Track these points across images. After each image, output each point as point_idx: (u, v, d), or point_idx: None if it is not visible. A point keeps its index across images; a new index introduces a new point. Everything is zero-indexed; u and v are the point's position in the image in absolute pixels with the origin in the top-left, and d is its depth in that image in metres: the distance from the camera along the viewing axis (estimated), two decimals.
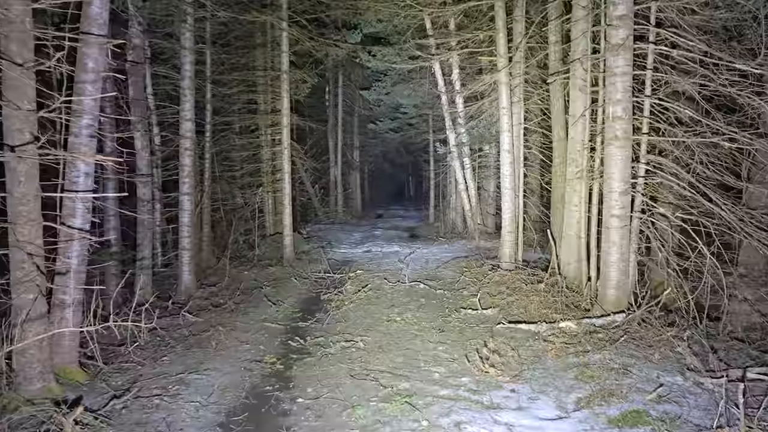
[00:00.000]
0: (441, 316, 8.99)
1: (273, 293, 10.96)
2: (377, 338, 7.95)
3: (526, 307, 8.99)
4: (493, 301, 9.58)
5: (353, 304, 9.79)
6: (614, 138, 7.99)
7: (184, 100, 11.39)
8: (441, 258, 14.03)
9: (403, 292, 10.58)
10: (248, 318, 9.24)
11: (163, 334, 8.44)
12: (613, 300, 8.06)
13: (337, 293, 10.60)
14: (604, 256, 8.20)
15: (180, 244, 11.49)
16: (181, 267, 11.45)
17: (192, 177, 11.52)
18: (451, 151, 17.26)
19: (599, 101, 9.18)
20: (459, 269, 12.44)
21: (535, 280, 10.36)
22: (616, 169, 8.00)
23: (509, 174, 11.70)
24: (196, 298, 10.86)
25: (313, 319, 9.09)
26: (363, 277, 11.93)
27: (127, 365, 7.01)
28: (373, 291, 10.64)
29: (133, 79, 11.44)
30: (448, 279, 11.72)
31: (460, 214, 18.90)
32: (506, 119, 11.66)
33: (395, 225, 23.10)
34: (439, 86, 17.19)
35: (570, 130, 10.10)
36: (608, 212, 8.13)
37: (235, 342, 7.97)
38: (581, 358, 6.74)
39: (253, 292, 11.10)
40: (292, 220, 14.38)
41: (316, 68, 16.53)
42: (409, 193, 43.15)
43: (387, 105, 22.74)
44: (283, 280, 11.97)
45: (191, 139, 11.45)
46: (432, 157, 22.45)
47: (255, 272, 13.07)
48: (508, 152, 11.68)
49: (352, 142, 27.47)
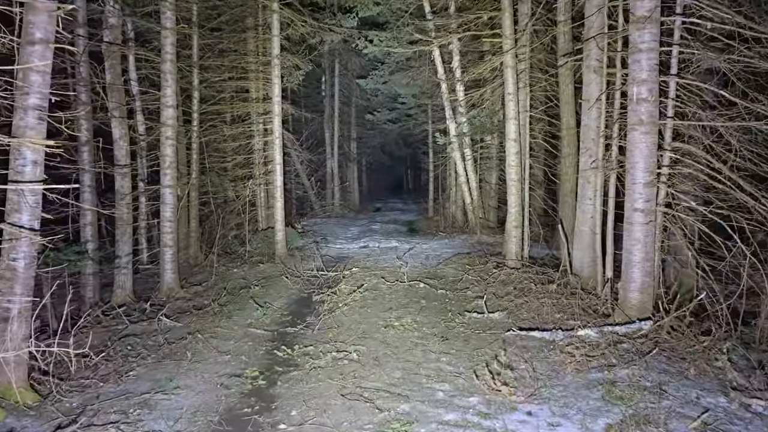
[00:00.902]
0: (443, 321, 8.04)
1: (261, 294, 10.00)
2: (373, 348, 7.00)
3: (537, 310, 8.04)
4: (501, 304, 8.63)
5: (347, 307, 8.83)
6: (638, 123, 7.01)
7: (165, 85, 10.38)
8: (441, 254, 13.08)
9: (402, 293, 9.63)
10: (232, 323, 8.27)
11: (136, 342, 7.48)
12: (636, 304, 7.11)
13: (330, 294, 9.64)
14: (626, 255, 7.24)
15: (162, 240, 10.50)
16: (163, 265, 10.48)
17: (174, 168, 10.52)
18: (451, 142, 16.26)
19: (616, 84, 8.22)
20: (461, 267, 11.49)
21: (545, 280, 9.41)
22: (641, 158, 7.03)
23: (515, 164, 10.72)
24: (179, 299, 9.90)
25: (302, 324, 8.13)
26: (359, 275, 10.97)
27: (87, 381, 6.05)
28: (370, 291, 9.68)
29: (109, 62, 10.44)
30: (450, 277, 10.76)
31: (460, 208, 17.92)
32: (512, 105, 10.67)
33: (393, 219, 22.12)
34: (439, 74, 16.17)
35: (583, 117, 9.13)
36: (631, 206, 7.16)
37: (214, 352, 7.01)
38: (606, 374, 5.79)
39: (241, 293, 10.13)
40: (284, 215, 13.40)
41: (310, 54, 15.48)
42: (407, 186, 42.17)
43: (385, 95, 21.75)
44: (274, 279, 11.00)
45: (173, 128, 10.44)
46: (431, 148, 21.45)
47: (244, 270, 12.11)
48: (514, 141, 10.70)
49: (349, 133, 26.44)
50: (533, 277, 9.65)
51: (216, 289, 10.55)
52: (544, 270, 10.26)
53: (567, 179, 11.04)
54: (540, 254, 12.16)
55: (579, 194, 9.17)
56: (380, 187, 37.13)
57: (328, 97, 24.26)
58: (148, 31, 11.93)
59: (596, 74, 8.74)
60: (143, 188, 11.95)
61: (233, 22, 14.30)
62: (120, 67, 10.62)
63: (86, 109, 10.48)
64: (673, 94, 7.44)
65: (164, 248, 10.46)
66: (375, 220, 21.39)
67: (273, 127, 13.27)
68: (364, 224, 20.13)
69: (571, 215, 10.99)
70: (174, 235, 10.57)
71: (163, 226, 10.47)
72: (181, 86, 13.72)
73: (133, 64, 11.66)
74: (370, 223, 20.54)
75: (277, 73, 13.10)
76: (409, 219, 22.02)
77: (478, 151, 15.86)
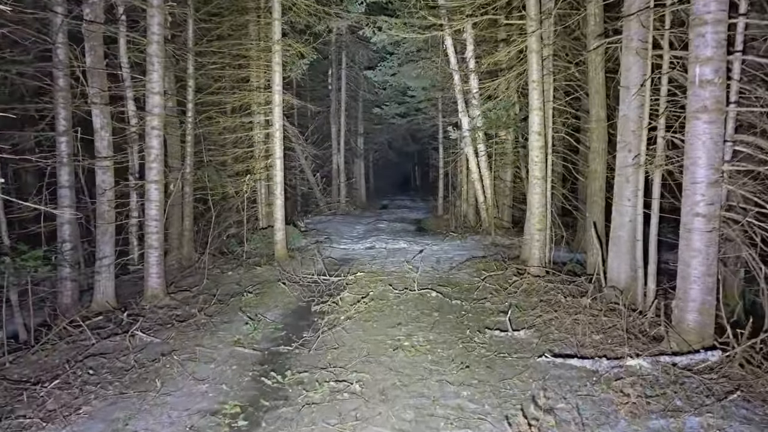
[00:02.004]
0: (461, 340, 6.76)
1: (255, 302, 8.76)
2: (379, 376, 5.74)
3: (570, 330, 6.75)
4: (526, 320, 7.35)
5: (350, 321, 7.57)
6: (701, 110, 5.69)
7: (151, 70, 9.12)
8: (454, 257, 11.80)
9: (412, 303, 8.36)
10: (217, 339, 7.03)
11: (101, 363, 6.25)
12: (694, 327, 5.81)
13: (331, 304, 8.39)
14: (683, 268, 5.93)
15: (146, 241, 9.27)
16: (147, 269, 9.25)
17: (160, 162, 9.28)
18: (464, 136, 14.96)
19: (663, 67, 6.90)
20: (477, 272, 10.21)
21: (576, 291, 8.12)
22: (703, 152, 5.71)
23: (539, 160, 9.41)
24: (163, 308, 8.67)
25: (298, 342, 6.88)
26: (364, 281, 9.71)
27: (28, 421, 4.83)
28: (376, 301, 8.42)
29: (90, 43, 9.20)
30: (465, 284, 9.49)
31: (472, 206, 16.63)
32: (536, 95, 9.36)
33: (401, 217, 20.83)
34: (452, 64, 14.87)
35: (621, 106, 7.80)
36: (690, 210, 5.85)
37: (189, 380, 5.76)
38: (672, 421, 4.50)
39: (232, 300, 8.90)
40: (284, 213, 12.15)
41: (314, 42, 14.20)
42: (415, 183, 40.84)
43: (393, 88, 20.47)
44: (270, 285, 9.76)
45: (159, 117, 9.19)
46: (441, 144, 20.15)
47: (240, 273, 10.87)
48: (538, 134, 9.38)
49: (356, 128, 25.14)
50: (561, 287, 8.35)
51: (206, 295, 9.30)
52: (571, 278, 8.97)
53: (596, 177, 9.73)
54: (562, 258, 10.85)
55: (616, 194, 7.86)
56: (387, 184, 35.85)
57: (334, 91, 22.97)
58: (137, 10, 10.70)
59: (638, 57, 7.42)
60: (133, 183, 10.73)
61: (232, 4, 13.04)
62: (102, 49, 9.36)
63: (64, 96, 9.28)
64: (737, 74, 6.13)
65: (149, 250, 9.23)
66: (382, 219, 20.11)
67: (273, 118, 12.01)
68: (370, 223, 18.86)
69: (601, 217, 9.70)
70: (160, 235, 9.34)
71: (148, 226, 9.24)
72: (175, 74, 12.53)
73: (123, 47, 10.45)
74: (377, 221, 19.27)
75: (278, 60, 11.84)
76: (417, 217, 20.74)
77: (493, 146, 14.54)
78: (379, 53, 19.70)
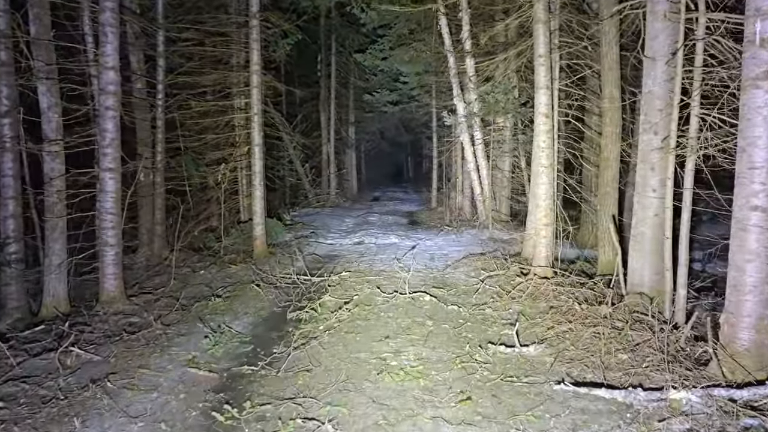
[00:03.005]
0: (459, 358, 5.54)
1: (223, 308, 7.51)
2: (358, 410, 4.50)
3: (590, 346, 5.53)
4: (536, 332, 6.14)
5: (329, 333, 6.33)
6: (762, 77, 4.46)
7: (105, 41, 7.80)
8: (449, 254, 10.57)
9: (402, 310, 7.13)
10: (167, 357, 5.78)
11: (20, 391, 5.00)
12: (751, 349, 4.59)
13: (310, 310, 7.14)
14: (736, 275, 4.71)
15: (101, 238, 7.98)
16: (102, 269, 7.97)
17: (116, 148, 7.97)
18: (459, 123, 13.70)
19: (698, 32, 5.67)
20: (475, 271, 9.00)
21: (592, 296, 6.91)
22: (764, 131, 4.49)
23: (547, 146, 8.17)
24: (117, 314, 7.40)
25: (266, 360, 5.63)
26: (349, 282, 8.47)
27: None
28: (360, 308, 7.18)
29: (34, 11, 7.87)
30: (462, 286, 8.27)
31: (468, 198, 15.40)
32: (543, 72, 8.10)
33: (393, 209, 19.57)
34: (446, 45, 13.59)
35: (645, 81, 6.56)
36: (746, 203, 4.62)
37: (120, 417, 4.51)
38: None
39: (197, 306, 7.64)
40: (264, 205, 10.88)
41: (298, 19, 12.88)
42: (408, 175, 39.55)
43: (385, 74, 19.14)
44: (243, 286, 8.50)
45: (115, 96, 7.88)
46: (435, 132, 18.88)
47: (212, 272, 9.61)
48: (545, 117, 8.14)
49: (347, 117, 23.79)
50: (573, 291, 7.15)
51: (170, 299, 8.07)
52: (581, 279, 7.77)
53: (608, 165, 8.50)
54: (569, 256, 9.65)
55: (638, 184, 6.63)
56: (379, 175, 34.54)
57: (324, 78, 21.60)
58: None
59: (667, 22, 6.19)
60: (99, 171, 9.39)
61: None
62: (49, 17, 8.04)
63: (6, 72, 7.95)
64: None
65: (104, 248, 7.95)
66: (373, 211, 18.84)
67: (251, 101, 10.70)
68: (360, 215, 17.59)
69: (614, 210, 8.49)
70: (117, 231, 8.05)
71: (103, 220, 7.95)
72: (144, 51, 11.19)
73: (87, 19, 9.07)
74: (368, 214, 18.00)
75: (256, 36, 10.51)
76: (410, 210, 19.49)
77: (491, 134, 13.29)
78: (370, 37, 18.33)
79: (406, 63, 16.63)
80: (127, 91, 11.19)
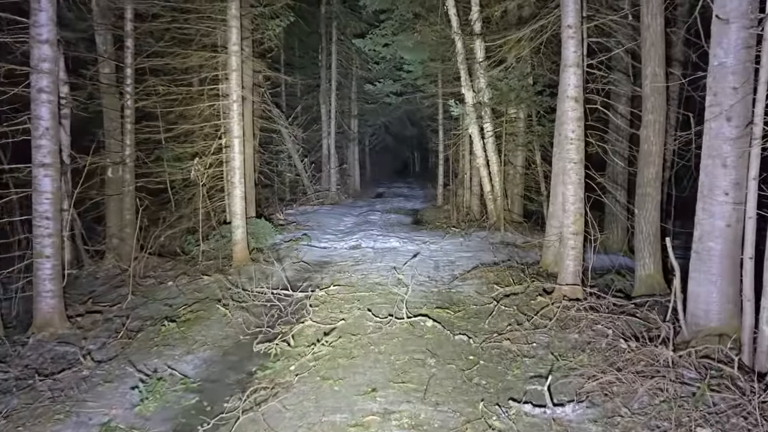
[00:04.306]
0: (471, 426, 3.93)
1: (176, 336, 5.93)
2: None
3: (655, 412, 3.89)
4: (572, 381, 4.50)
5: (301, 378, 4.73)
6: None
7: (37, 8, 6.20)
8: (457, 262, 8.97)
9: (398, 341, 5.52)
10: (75, 421, 4.16)
11: None
12: None
13: (281, 342, 5.55)
14: None
15: (34, 248, 6.42)
16: (36, 286, 6.40)
17: (51, 139, 6.38)
18: (467, 114, 12.04)
19: None
20: (487, 286, 7.39)
21: (641, 327, 5.28)
22: None
23: (576, 138, 6.50)
24: (47, 344, 5.85)
25: (210, 424, 4.05)
26: (336, 300, 6.89)
27: None
28: (345, 339, 5.58)
29: None
30: (472, 306, 6.66)
31: (477, 196, 13.77)
32: (573, 46, 6.43)
33: (397, 207, 17.92)
34: (453, 27, 11.91)
35: (716, 52, 4.87)
36: None
37: None
38: None
39: (144, 333, 6.07)
40: (245, 206, 9.29)
41: None
42: (413, 170, 37.83)
43: (388, 62, 17.43)
44: (209, 305, 6.92)
45: (50, 76, 6.29)
46: (441, 125, 17.21)
47: (182, 284, 8.05)
48: (574, 101, 6.47)
49: (349, 109, 22.11)
50: (613, 319, 5.51)
51: (122, 319, 6.52)
52: (620, 302, 6.13)
53: (650, 160, 6.82)
54: (598, 265, 8.00)
55: (703, 185, 4.96)
56: (384, 170, 32.84)
57: (324, 68, 19.93)
58: None
59: None
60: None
61: None
62: None
63: None
64: None
65: (39, 260, 6.38)
66: (375, 209, 17.21)
67: (230, 87, 9.09)
68: (361, 213, 15.99)
69: (655, 215, 6.83)
70: (56, 239, 6.47)
71: (38, 227, 6.37)
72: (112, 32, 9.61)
73: None
74: (369, 212, 16.38)
75: (235, 12, 8.89)
76: (414, 207, 17.85)
77: (504, 126, 11.62)
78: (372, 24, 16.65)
79: (410, 50, 14.93)
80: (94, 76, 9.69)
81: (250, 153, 11.60)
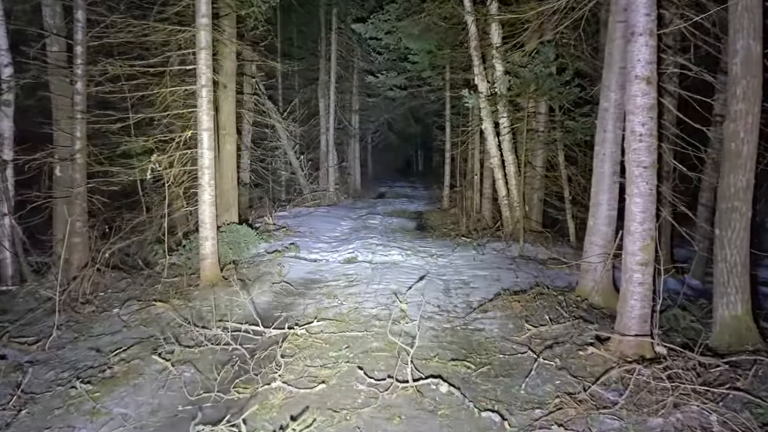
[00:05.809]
0: None
1: (85, 409, 4.04)
2: None
3: None
4: None
5: None
6: None
7: None
8: (472, 283, 7.11)
9: (400, 426, 3.65)
10: None
11: None
12: None
13: (231, 427, 3.67)
14: None
15: None
16: None
17: None
18: (482, 107, 10.15)
19: None
20: (514, 322, 5.54)
21: (747, 407, 3.39)
22: None
23: (647, 134, 4.58)
24: None
25: None
26: (318, 345, 5.01)
27: None
28: (325, 420, 3.71)
29: None
30: (499, 357, 4.80)
31: (489, 199, 11.91)
32: (645, 5, 4.52)
33: (399, 209, 16.02)
34: (466, 7, 10.02)
35: None
36: None
37: None
38: None
39: (46, 402, 4.22)
40: (214, 213, 7.41)
41: None
42: (417, 169, 35.90)
43: (391, 52, 15.45)
44: (147, 353, 5.05)
45: None
46: (448, 121, 15.33)
47: (128, 313, 6.18)
48: (646, 83, 4.53)
49: (350, 104, 20.18)
50: (709, 392, 3.64)
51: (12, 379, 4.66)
52: (709, 361, 4.25)
53: (737, 164, 4.91)
54: None
55: None
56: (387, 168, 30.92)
57: (323, 59, 18.01)
58: None
59: None
60: None
61: None
62: None
63: None
64: None
65: None
66: (376, 211, 15.32)
67: (198, 69, 7.18)
68: (360, 216, 14.11)
69: (744, 235, 4.93)
70: None
71: None
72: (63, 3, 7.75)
73: None
74: (369, 214, 14.50)
75: None
76: (418, 210, 15.96)
77: (525, 120, 9.70)
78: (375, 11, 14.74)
79: (415, 38, 12.98)
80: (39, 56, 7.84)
81: (231, 150, 9.74)
